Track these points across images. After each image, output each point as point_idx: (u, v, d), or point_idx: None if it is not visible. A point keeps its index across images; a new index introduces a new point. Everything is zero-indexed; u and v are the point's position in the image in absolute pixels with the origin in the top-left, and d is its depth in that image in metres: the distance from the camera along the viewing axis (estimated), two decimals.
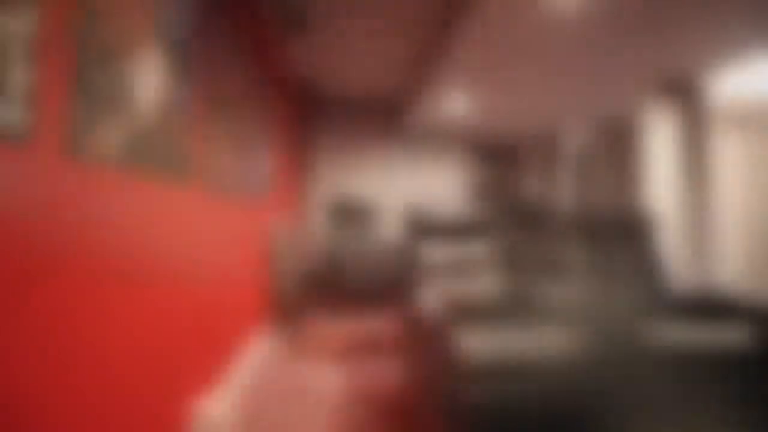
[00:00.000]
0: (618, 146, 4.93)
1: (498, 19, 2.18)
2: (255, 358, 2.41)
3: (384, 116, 4.73)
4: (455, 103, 3.72)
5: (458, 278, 2.06)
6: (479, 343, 1.41)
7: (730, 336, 1.60)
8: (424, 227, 2.14)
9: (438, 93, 3.46)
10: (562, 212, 2.29)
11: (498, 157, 5.66)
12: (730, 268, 4.77)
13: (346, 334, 2.60)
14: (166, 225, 1.24)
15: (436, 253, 2.10)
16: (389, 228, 4.75)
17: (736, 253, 4.78)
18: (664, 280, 2.14)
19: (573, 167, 5.12)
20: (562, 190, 4.84)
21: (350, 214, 3.90)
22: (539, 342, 1.50)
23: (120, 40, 0.97)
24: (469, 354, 1.37)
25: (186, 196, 1.39)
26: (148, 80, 1.11)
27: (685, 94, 3.16)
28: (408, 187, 4.81)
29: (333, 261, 3.10)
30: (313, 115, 4.10)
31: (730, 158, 4.80)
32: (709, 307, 1.95)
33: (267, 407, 1.86)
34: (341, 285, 3.08)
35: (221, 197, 1.79)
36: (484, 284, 2.05)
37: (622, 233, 2.26)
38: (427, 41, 3.18)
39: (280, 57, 3.29)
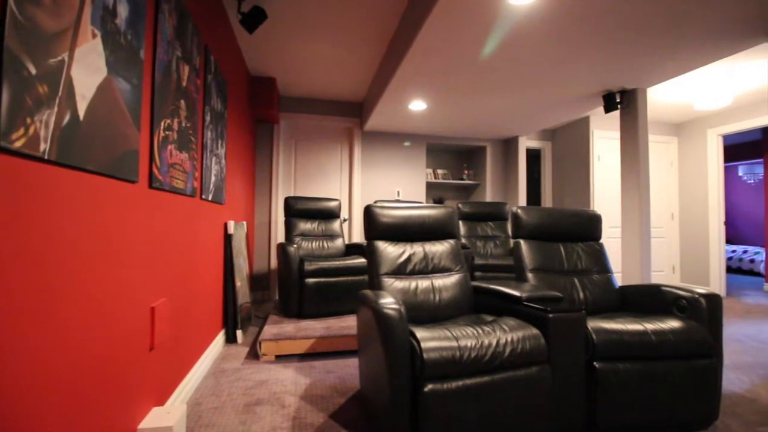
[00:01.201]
0: (571, 151, 5.22)
1: (452, 28, 2.24)
2: (210, 365, 2.32)
3: (346, 117, 4.71)
4: (413, 107, 3.78)
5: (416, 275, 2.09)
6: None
7: (670, 324, 1.74)
8: (383, 226, 2.15)
9: (398, 97, 3.49)
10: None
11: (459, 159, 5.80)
12: (666, 263, 5.17)
13: (304, 336, 2.56)
14: (104, 226, 1.16)
15: (393, 250, 2.12)
16: (353, 229, 4.74)
17: (671, 248, 5.20)
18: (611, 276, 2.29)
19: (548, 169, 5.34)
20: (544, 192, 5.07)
21: (312, 216, 3.84)
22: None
23: (55, 24, 0.90)
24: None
25: (131, 196, 1.32)
26: (89, 69, 1.04)
27: (624, 104, 3.39)
28: (371, 188, 4.81)
29: (294, 263, 3.05)
30: (272, 114, 4.00)
31: (664, 160, 5.22)
32: (651, 301, 2.11)
33: (220, 419, 1.80)
34: (303, 287, 3.03)
35: (173, 197, 1.71)
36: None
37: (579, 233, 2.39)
38: (386, 45, 3.22)
39: (238, 54, 3.19)
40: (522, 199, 5.09)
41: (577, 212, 2.41)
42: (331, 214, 3.91)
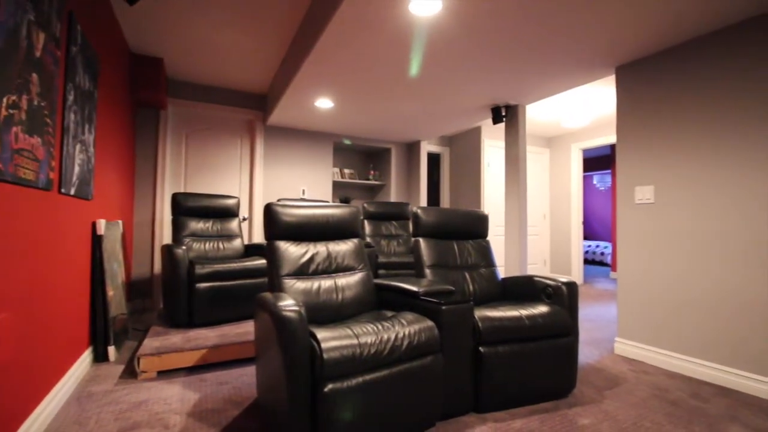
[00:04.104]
0: (465, 157, 5.69)
1: (355, 33, 2.26)
2: (74, 389, 1.96)
3: (247, 109, 4.43)
4: (320, 104, 3.73)
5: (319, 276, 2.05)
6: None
7: (539, 309, 1.99)
8: (284, 225, 2.07)
9: (303, 92, 3.40)
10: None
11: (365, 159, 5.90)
12: (539, 257, 5.97)
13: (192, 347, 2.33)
14: None
15: (295, 250, 2.05)
16: (254, 228, 4.47)
17: (543, 244, 6.02)
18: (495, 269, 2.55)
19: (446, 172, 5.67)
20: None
21: (206, 214, 3.52)
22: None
23: None
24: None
25: None
26: None
27: (508, 118, 3.82)
28: (274, 186, 4.61)
29: (183, 267, 2.76)
30: (158, 99, 3.56)
31: (539, 168, 6.03)
32: (525, 289, 2.39)
33: None
34: (193, 293, 2.75)
35: (19, 190, 1.40)
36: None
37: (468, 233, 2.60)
38: (291, 37, 3.11)
39: (115, 27, 2.76)
40: (423, 200, 5.39)
41: (469, 212, 2.64)
42: (229, 213, 3.63)
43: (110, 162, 2.81)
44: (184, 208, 3.39)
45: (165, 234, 3.97)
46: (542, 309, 2.01)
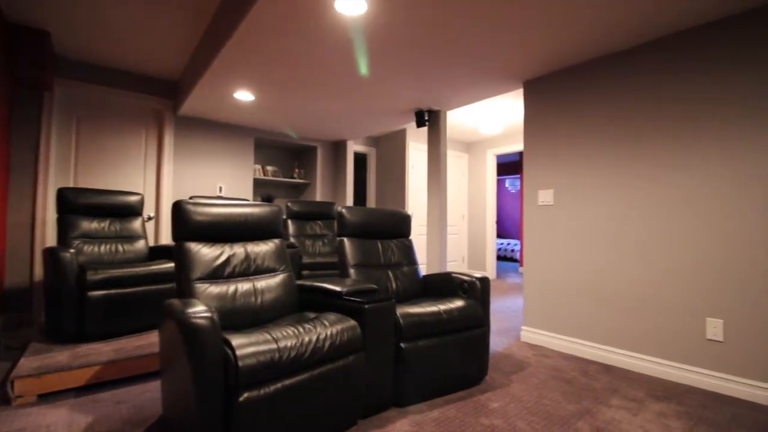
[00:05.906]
0: (391, 158, 5.80)
1: (280, 24, 2.18)
2: None
3: (154, 96, 4.01)
4: (239, 96, 3.52)
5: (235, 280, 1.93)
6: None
7: (456, 304, 2.10)
8: (196, 225, 1.91)
9: (220, 82, 3.18)
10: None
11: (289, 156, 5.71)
12: (458, 254, 6.34)
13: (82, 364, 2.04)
14: None
15: (207, 252, 1.91)
16: (161, 229, 4.06)
17: (462, 242, 6.41)
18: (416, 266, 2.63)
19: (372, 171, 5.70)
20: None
21: (101, 213, 3.10)
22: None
23: None
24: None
25: None
26: None
27: (431, 122, 3.98)
28: (186, 182, 4.24)
29: (71, 273, 2.41)
30: (42, 78, 3.05)
31: (459, 171, 6.40)
32: (445, 285, 2.51)
33: None
34: (84, 302, 2.41)
35: None
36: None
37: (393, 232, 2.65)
38: (207, 21, 2.89)
39: None
40: (350, 200, 5.38)
41: (393, 212, 2.69)
42: (130, 211, 3.24)
43: None
44: (74, 205, 2.95)
45: (49, 236, 3.42)
46: (459, 303, 2.13)
